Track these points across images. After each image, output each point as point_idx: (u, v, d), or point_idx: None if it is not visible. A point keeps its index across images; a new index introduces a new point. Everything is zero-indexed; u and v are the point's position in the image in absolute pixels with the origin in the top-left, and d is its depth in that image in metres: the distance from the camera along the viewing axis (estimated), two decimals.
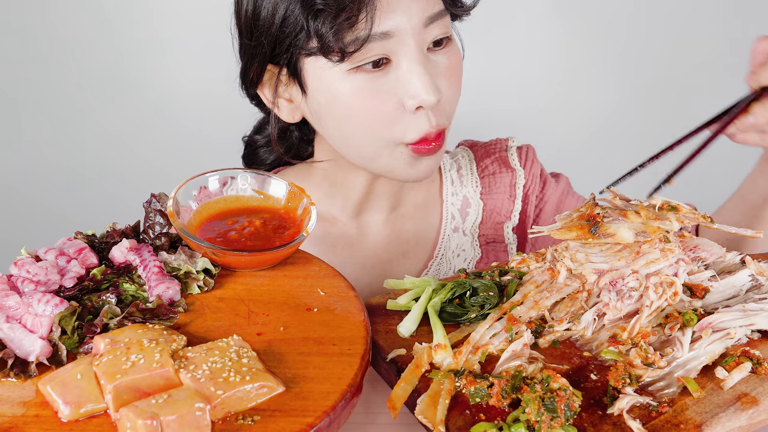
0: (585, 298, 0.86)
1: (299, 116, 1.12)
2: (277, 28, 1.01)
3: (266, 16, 1.02)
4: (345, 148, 1.09)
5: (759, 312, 0.83)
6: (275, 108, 1.12)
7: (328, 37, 0.96)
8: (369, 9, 0.96)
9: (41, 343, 0.76)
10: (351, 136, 1.05)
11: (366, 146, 1.06)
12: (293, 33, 1.00)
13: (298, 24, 0.99)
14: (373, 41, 0.97)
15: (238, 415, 0.69)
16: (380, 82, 1.00)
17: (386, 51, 0.99)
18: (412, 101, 1.00)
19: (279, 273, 0.90)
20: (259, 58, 1.06)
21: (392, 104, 1.01)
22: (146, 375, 0.70)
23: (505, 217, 1.27)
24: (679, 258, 0.87)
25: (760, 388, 0.76)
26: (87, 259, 0.88)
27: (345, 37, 0.96)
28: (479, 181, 1.28)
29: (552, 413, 0.70)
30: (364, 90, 1.00)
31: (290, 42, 1.01)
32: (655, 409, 0.73)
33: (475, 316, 0.85)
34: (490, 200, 1.28)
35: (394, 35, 0.98)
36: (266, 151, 1.27)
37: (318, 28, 0.97)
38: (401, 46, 0.99)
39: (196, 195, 0.94)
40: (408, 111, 1.01)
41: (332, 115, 1.04)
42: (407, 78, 1.00)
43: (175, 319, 0.81)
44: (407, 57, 0.99)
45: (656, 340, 0.82)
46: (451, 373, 0.76)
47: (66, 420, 0.69)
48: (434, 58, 1.03)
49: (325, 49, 0.98)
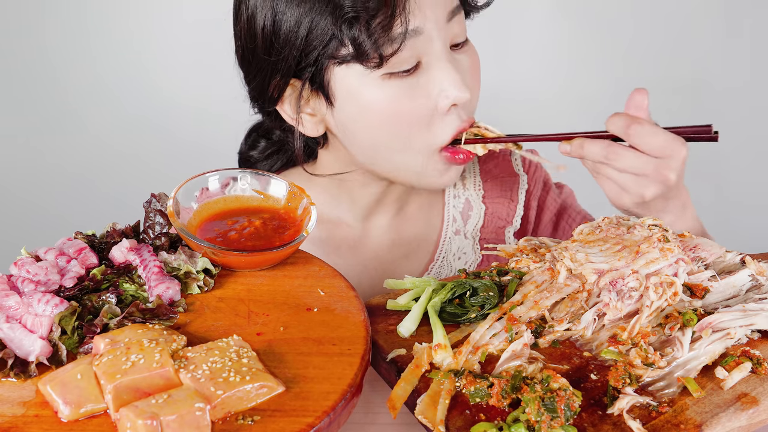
0: (585, 298, 0.86)
1: (323, 129, 1.10)
2: (302, 41, 0.99)
3: (289, 29, 0.99)
4: (373, 157, 1.08)
5: (759, 312, 0.83)
6: (299, 125, 1.09)
7: (366, 44, 0.96)
8: (402, 10, 0.96)
9: (41, 343, 0.76)
10: (384, 144, 1.05)
11: (399, 154, 1.05)
12: (321, 43, 0.98)
13: (327, 33, 0.97)
14: (407, 41, 0.97)
15: (238, 415, 0.69)
16: (412, 84, 1.01)
17: (415, 51, 0.99)
18: (447, 100, 1.01)
19: (279, 273, 0.90)
20: (281, 73, 1.03)
21: (426, 106, 1.01)
22: (146, 375, 0.70)
23: (507, 222, 1.27)
24: (679, 258, 0.87)
25: (760, 388, 0.76)
26: (87, 259, 0.88)
27: (381, 41, 0.96)
28: (482, 184, 1.28)
29: (552, 413, 0.70)
30: (399, 95, 1.00)
31: (318, 53, 0.99)
32: (655, 409, 0.73)
33: (475, 316, 0.85)
34: (493, 204, 1.27)
35: (423, 32, 0.99)
36: (265, 165, 1.25)
37: (355, 35, 0.96)
38: (429, 43, 1.00)
39: (198, 196, 0.94)
40: (440, 112, 1.02)
41: (363, 125, 1.04)
42: (439, 78, 1.01)
43: (175, 319, 0.81)
44: (436, 56, 1.00)
45: (656, 340, 0.82)
46: (451, 373, 0.76)
47: (66, 420, 0.69)
48: (457, 56, 1.04)
49: (362, 57, 0.97)
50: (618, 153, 0.94)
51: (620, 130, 0.94)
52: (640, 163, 0.94)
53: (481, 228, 1.27)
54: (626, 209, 1.00)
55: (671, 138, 0.93)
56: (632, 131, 0.93)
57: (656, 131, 0.93)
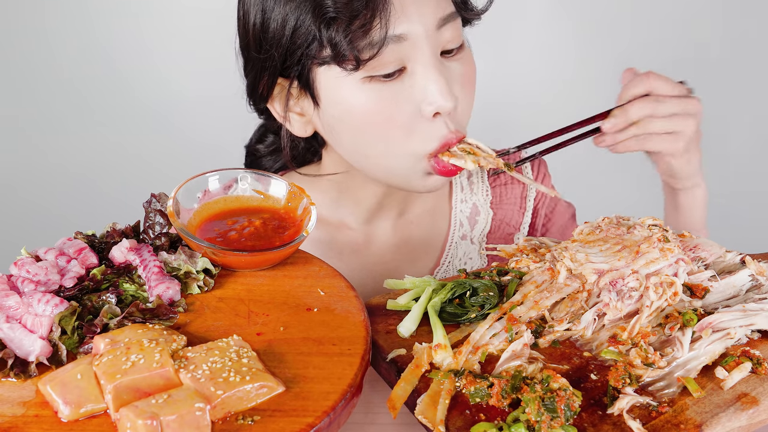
0: (585, 298, 0.86)
1: (311, 130, 1.09)
2: (288, 39, 0.99)
3: (276, 28, 0.99)
4: (360, 161, 1.07)
5: (759, 312, 0.83)
6: (287, 123, 1.09)
7: (342, 45, 0.94)
8: (383, 14, 0.94)
9: (41, 343, 0.76)
10: (366, 148, 1.03)
11: (383, 158, 1.04)
12: (305, 43, 0.98)
13: (310, 33, 0.97)
14: (387, 46, 0.95)
15: (238, 415, 0.69)
16: (395, 90, 0.98)
17: (400, 56, 0.97)
18: (430, 107, 0.98)
19: (279, 273, 0.90)
20: (269, 72, 1.03)
21: (409, 112, 0.99)
22: (146, 375, 0.70)
23: (515, 229, 1.26)
24: (679, 258, 0.87)
25: (760, 388, 0.76)
26: (87, 259, 0.88)
27: (359, 44, 0.94)
28: (490, 190, 1.27)
29: (552, 413, 0.70)
30: (379, 99, 0.98)
31: (302, 53, 0.99)
32: (655, 409, 0.73)
33: (475, 316, 0.85)
34: (501, 210, 1.26)
35: (408, 38, 0.96)
36: (270, 159, 1.24)
37: (331, 36, 0.95)
38: (415, 50, 0.97)
39: (201, 197, 0.94)
40: (425, 119, 0.99)
41: (347, 127, 1.02)
42: (423, 84, 0.98)
43: (175, 319, 0.81)
44: (421, 62, 0.97)
45: (656, 340, 0.82)
46: (451, 373, 0.76)
47: (66, 420, 0.69)
48: (448, 64, 1.01)
49: (339, 58, 0.96)
50: (659, 100, 1.04)
51: (642, 83, 1.05)
52: (677, 101, 1.04)
53: (488, 234, 1.26)
54: (678, 166, 1.10)
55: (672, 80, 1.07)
56: (652, 78, 1.05)
57: (660, 75, 1.06)
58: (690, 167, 1.11)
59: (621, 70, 1.12)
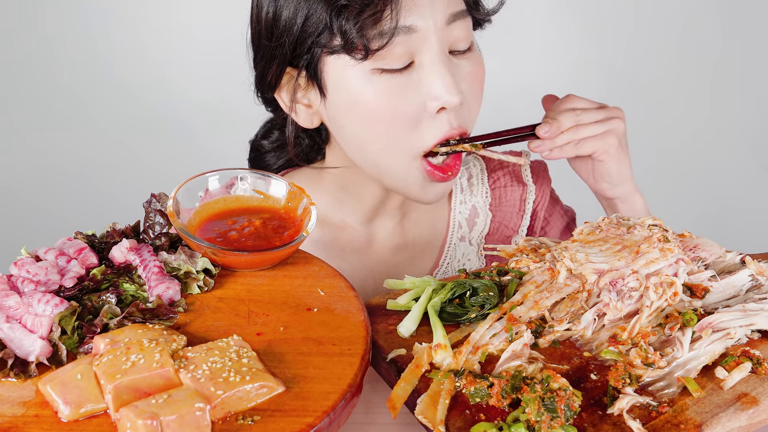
0: (585, 298, 0.86)
1: (318, 121, 1.10)
2: (299, 28, 1.00)
3: (288, 16, 1.01)
4: (361, 155, 1.08)
5: (759, 312, 0.83)
6: (293, 113, 1.10)
7: (352, 34, 0.95)
8: (394, 5, 0.96)
9: (41, 343, 0.76)
10: (369, 141, 1.04)
11: (383, 154, 1.05)
12: (316, 31, 0.99)
13: (321, 21, 0.98)
14: (397, 36, 0.97)
15: (238, 415, 0.69)
16: (402, 82, 1.00)
17: (409, 50, 0.98)
18: (435, 102, 1.00)
19: (279, 273, 0.90)
20: (278, 60, 1.05)
21: (414, 106, 1.00)
22: (146, 375, 0.70)
23: (513, 231, 1.27)
24: (679, 258, 0.87)
25: (760, 388, 0.76)
26: (87, 259, 0.88)
27: (369, 32, 0.96)
28: (489, 192, 1.27)
29: (552, 413, 0.70)
30: (386, 91, 0.99)
31: (312, 41, 1.00)
32: (655, 409, 0.73)
33: (475, 316, 0.85)
34: (500, 213, 1.27)
35: (417, 30, 0.98)
36: (273, 156, 1.25)
37: (342, 24, 0.96)
38: (424, 43, 0.99)
39: (202, 197, 0.94)
40: (429, 114, 1.01)
41: (352, 118, 1.03)
42: (430, 78, 0.99)
43: (175, 319, 0.81)
44: (429, 56, 0.99)
45: (656, 340, 0.82)
46: (451, 373, 0.76)
47: (66, 420, 0.69)
48: (456, 61, 1.03)
49: (348, 46, 0.97)
50: (584, 110, 1.11)
51: (563, 103, 1.12)
52: (599, 110, 1.12)
53: (487, 236, 1.26)
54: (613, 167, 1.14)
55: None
56: (572, 98, 1.13)
57: (579, 96, 1.14)
58: (622, 168, 1.15)
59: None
